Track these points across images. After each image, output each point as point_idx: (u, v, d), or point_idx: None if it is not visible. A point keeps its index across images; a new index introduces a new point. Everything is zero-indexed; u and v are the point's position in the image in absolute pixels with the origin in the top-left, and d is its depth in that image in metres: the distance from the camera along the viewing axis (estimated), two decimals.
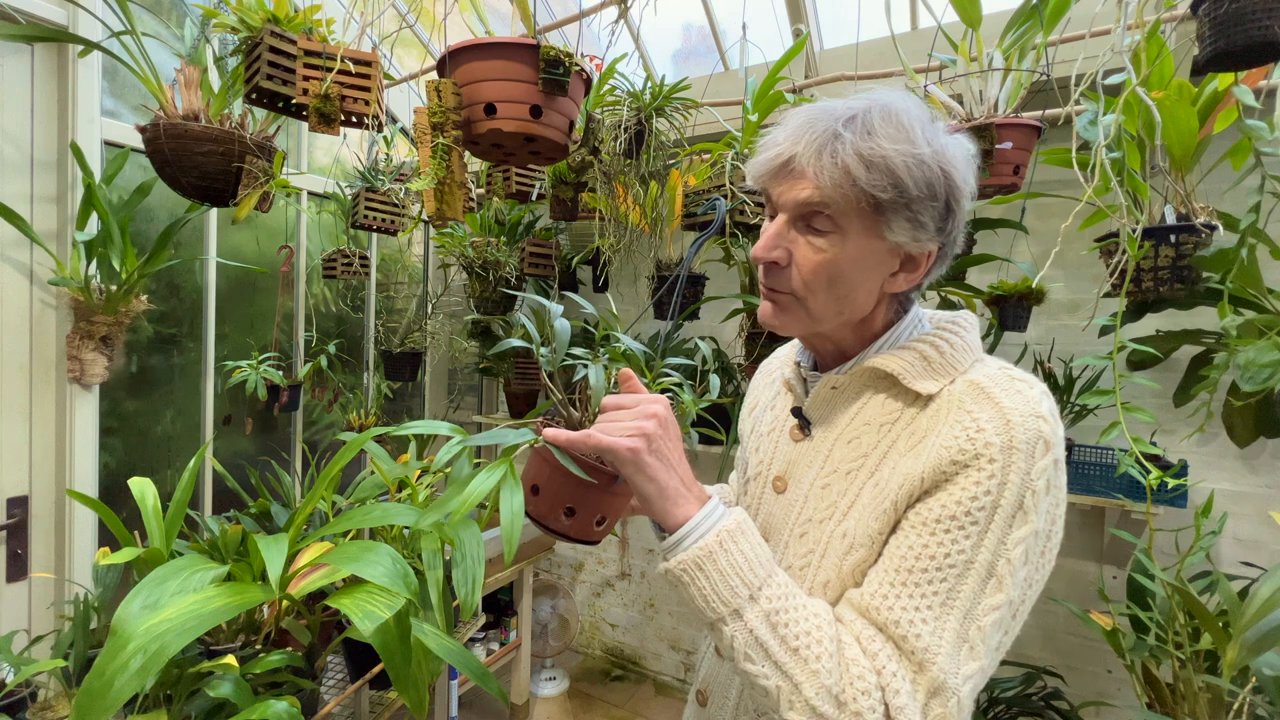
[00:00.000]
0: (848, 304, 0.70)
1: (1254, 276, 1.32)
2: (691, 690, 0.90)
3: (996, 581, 0.61)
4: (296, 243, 2.25)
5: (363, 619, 1.05)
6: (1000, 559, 0.61)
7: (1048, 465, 0.62)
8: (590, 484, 0.72)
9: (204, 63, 1.36)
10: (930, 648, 0.60)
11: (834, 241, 0.66)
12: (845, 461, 0.72)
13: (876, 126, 0.63)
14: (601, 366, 0.76)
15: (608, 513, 0.76)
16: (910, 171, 0.62)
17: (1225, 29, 0.97)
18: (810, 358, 0.82)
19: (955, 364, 0.69)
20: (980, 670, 0.61)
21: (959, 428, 0.63)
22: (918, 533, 0.63)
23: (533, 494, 0.76)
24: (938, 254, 0.69)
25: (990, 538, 0.61)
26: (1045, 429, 0.63)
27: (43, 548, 1.60)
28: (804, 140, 0.65)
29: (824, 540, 0.71)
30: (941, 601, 0.61)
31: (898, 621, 0.61)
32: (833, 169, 0.63)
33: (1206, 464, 1.87)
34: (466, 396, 3.12)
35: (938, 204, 0.65)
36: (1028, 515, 0.61)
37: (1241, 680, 1.26)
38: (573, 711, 2.64)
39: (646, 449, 0.65)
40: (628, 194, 1.73)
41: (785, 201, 0.68)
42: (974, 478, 0.61)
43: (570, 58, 1.13)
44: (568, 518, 0.74)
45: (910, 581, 0.62)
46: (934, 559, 0.62)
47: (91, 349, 1.59)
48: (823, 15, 2.15)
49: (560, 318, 0.79)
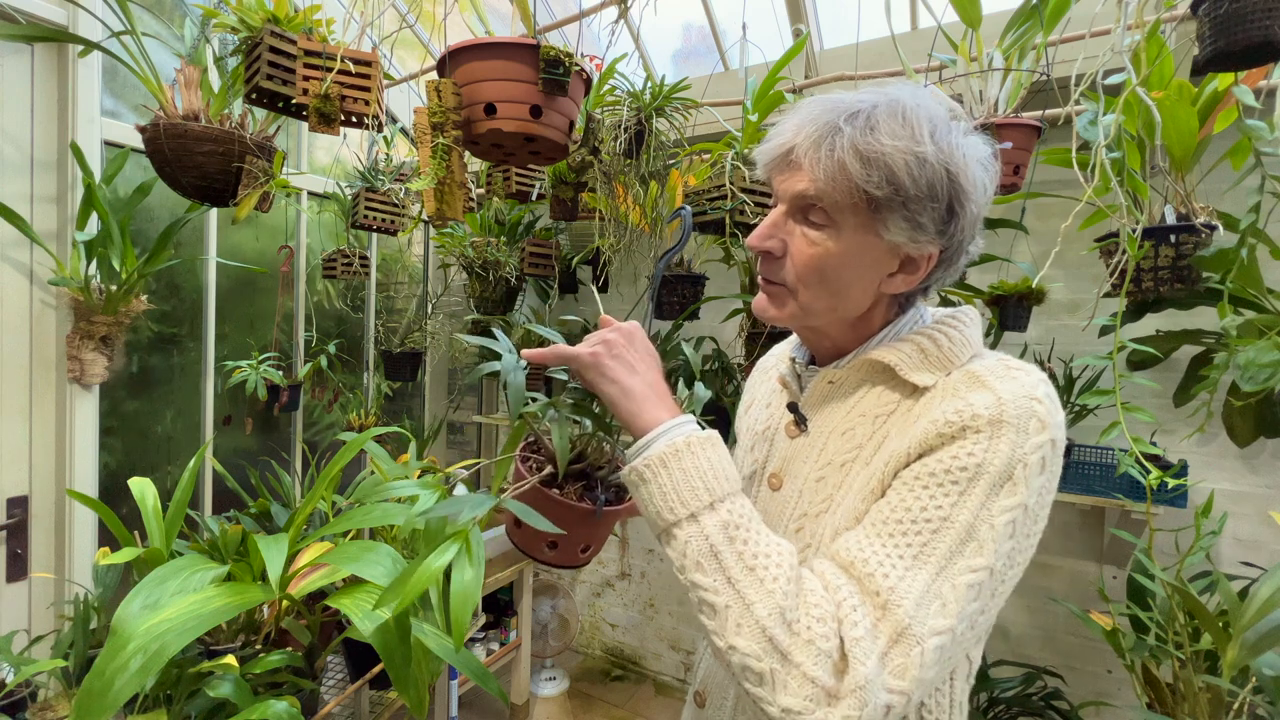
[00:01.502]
0: (840, 300, 0.69)
1: (1254, 276, 1.32)
2: (690, 691, 0.89)
3: (977, 545, 0.59)
4: (296, 243, 2.25)
5: (363, 619, 1.05)
6: (983, 523, 0.59)
7: (1044, 443, 0.61)
8: (569, 520, 0.72)
9: (204, 63, 1.36)
10: (896, 589, 0.57)
11: (828, 235, 0.66)
12: (840, 454, 0.71)
13: (881, 122, 0.62)
14: (565, 420, 0.76)
15: (591, 541, 0.76)
16: (909, 170, 0.61)
17: (1225, 29, 0.97)
18: (806, 354, 0.81)
19: (953, 357, 0.68)
20: (950, 631, 0.57)
21: (950, 409, 0.62)
22: (897, 491, 0.62)
23: (516, 526, 0.76)
24: (939, 258, 0.68)
25: (972, 499, 0.59)
26: (1040, 409, 0.61)
27: (43, 548, 1.60)
28: (805, 132, 0.65)
29: (819, 534, 0.70)
30: (915, 554, 0.59)
31: (866, 560, 0.60)
32: (828, 163, 0.62)
33: (1206, 464, 1.87)
34: (466, 396, 3.12)
35: (938, 205, 0.63)
36: (1017, 487, 0.59)
37: (1241, 680, 1.26)
38: (573, 711, 2.64)
39: (607, 354, 0.68)
40: (628, 194, 1.73)
41: (783, 192, 0.68)
42: (958, 443, 0.60)
43: (570, 58, 1.13)
44: (551, 550, 0.75)
45: (885, 532, 0.61)
46: (909, 511, 0.60)
47: (91, 349, 1.59)
48: (823, 15, 2.15)
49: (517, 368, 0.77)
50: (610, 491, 0.79)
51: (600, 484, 0.78)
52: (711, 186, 1.57)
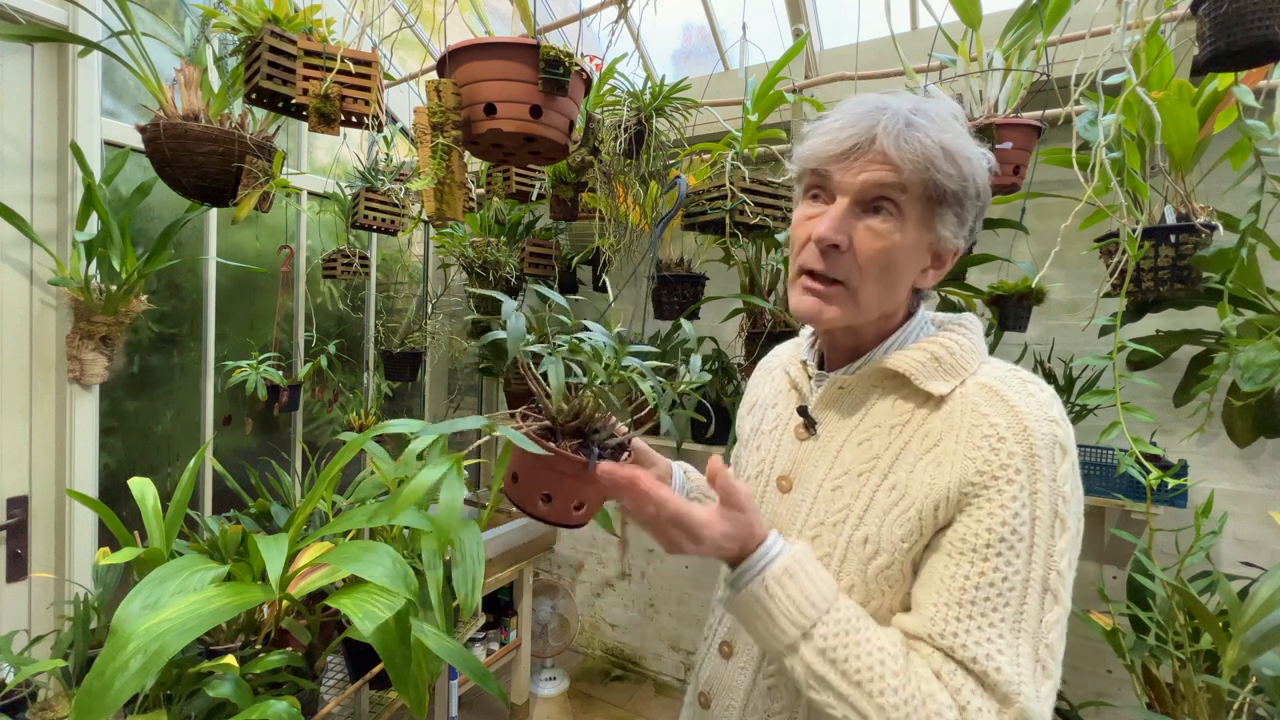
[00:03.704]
0: (891, 294, 0.71)
1: (1254, 276, 1.32)
2: (690, 691, 0.89)
3: (1052, 596, 0.62)
4: (296, 243, 2.25)
5: (363, 619, 1.05)
6: (1051, 572, 0.61)
7: (1069, 470, 0.63)
8: (562, 471, 0.74)
9: (204, 63, 1.36)
10: (1012, 679, 0.59)
11: (895, 228, 0.67)
12: (856, 463, 0.71)
13: (948, 122, 0.66)
14: (560, 361, 0.79)
15: (585, 498, 0.77)
16: (973, 168, 0.66)
17: (1225, 29, 0.97)
18: (817, 356, 0.81)
19: (965, 365, 0.70)
20: (1054, 687, 0.61)
21: (978, 435, 0.64)
22: (969, 560, 0.63)
23: (512, 481, 0.78)
24: (957, 254, 0.72)
25: (1039, 552, 0.61)
26: (1059, 432, 0.64)
27: (43, 548, 1.60)
28: (882, 123, 0.65)
29: (842, 545, 0.70)
30: (1011, 627, 0.61)
31: (975, 658, 0.60)
32: (914, 154, 0.64)
33: (1206, 464, 1.87)
34: (466, 396, 3.12)
35: (979, 204, 0.69)
36: (1065, 523, 0.62)
37: (1241, 680, 1.26)
38: (573, 711, 2.64)
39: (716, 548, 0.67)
40: (628, 194, 1.73)
41: (851, 183, 0.67)
42: (1007, 492, 0.62)
43: (570, 58, 1.13)
44: (545, 504, 0.76)
45: (977, 613, 0.61)
46: (994, 585, 0.61)
47: (91, 349, 1.59)
48: (823, 15, 2.15)
49: (516, 314, 0.82)
50: (606, 452, 0.80)
51: (596, 444, 0.79)
52: (711, 186, 1.57)
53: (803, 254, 0.71)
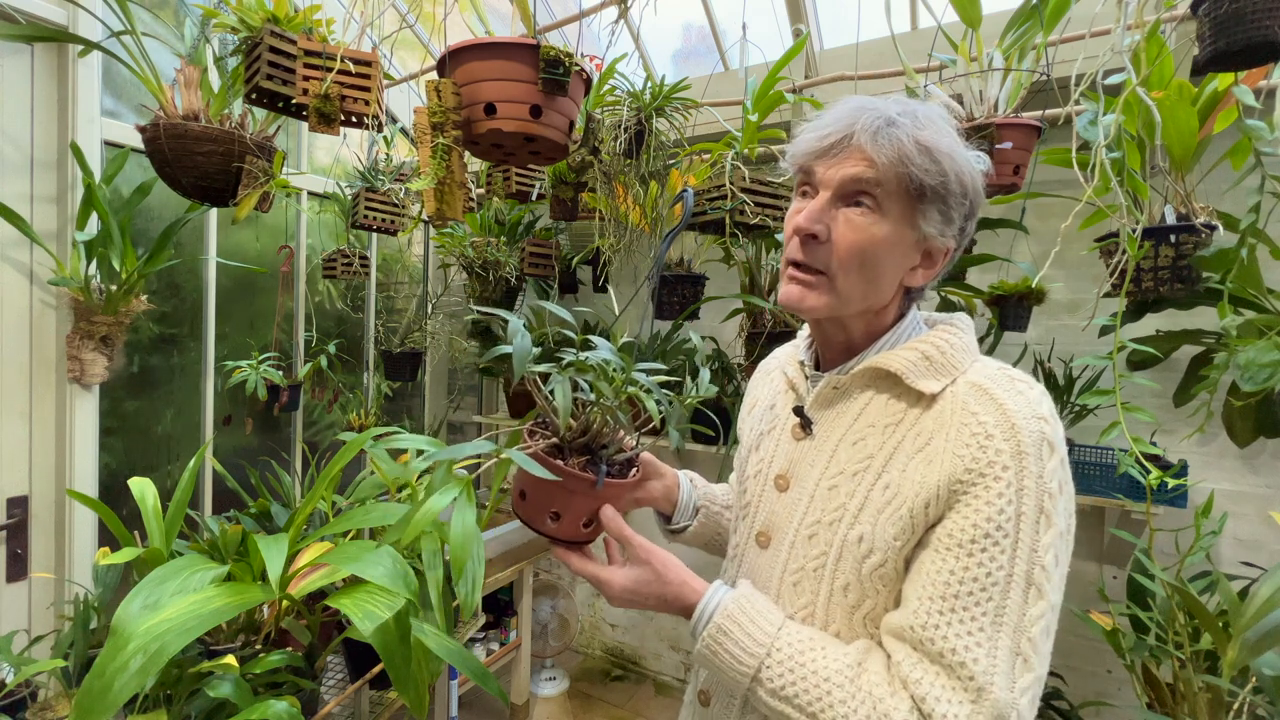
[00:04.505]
0: (873, 288, 0.71)
1: (1254, 276, 1.32)
2: (690, 690, 0.89)
3: (1036, 590, 0.62)
4: (296, 243, 2.25)
5: (363, 619, 1.05)
6: (1035, 567, 0.62)
7: (1056, 466, 0.64)
8: (570, 490, 0.74)
9: (204, 63, 1.36)
10: (986, 671, 0.60)
11: (873, 221, 0.68)
12: (851, 463, 0.72)
13: (931, 122, 0.68)
14: (567, 380, 0.78)
15: (593, 515, 0.77)
16: (955, 165, 0.67)
17: (1225, 29, 0.97)
18: (813, 356, 0.82)
19: (956, 364, 0.71)
20: (1036, 679, 0.62)
21: (967, 433, 0.65)
22: (954, 555, 0.63)
23: (520, 498, 0.78)
24: (949, 254, 0.72)
25: (1023, 547, 0.62)
26: (1047, 430, 0.64)
27: (43, 548, 1.60)
28: (860, 122, 0.67)
29: (837, 544, 0.71)
30: (992, 621, 0.62)
31: (954, 649, 0.61)
32: (889, 149, 0.65)
33: (1206, 464, 1.87)
34: (466, 396, 3.12)
35: (966, 203, 0.69)
36: (1050, 519, 0.63)
37: (1241, 680, 1.26)
38: (573, 711, 2.64)
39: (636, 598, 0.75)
40: (628, 194, 1.73)
41: (831, 177, 0.69)
42: (994, 489, 0.62)
43: (570, 58, 1.13)
44: (554, 521, 0.76)
45: (959, 606, 0.62)
46: (976, 580, 0.62)
47: (91, 349, 1.59)
48: (823, 15, 2.15)
49: (522, 332, 0.81)
50: (615, 468, 0.80)
51: (604, 460, 0.79)
52: (711, 186, 1.57)
53: (789, 246, 0.74)
